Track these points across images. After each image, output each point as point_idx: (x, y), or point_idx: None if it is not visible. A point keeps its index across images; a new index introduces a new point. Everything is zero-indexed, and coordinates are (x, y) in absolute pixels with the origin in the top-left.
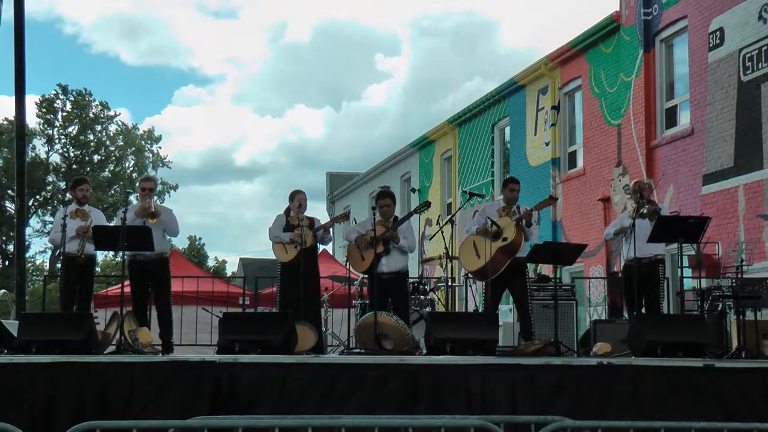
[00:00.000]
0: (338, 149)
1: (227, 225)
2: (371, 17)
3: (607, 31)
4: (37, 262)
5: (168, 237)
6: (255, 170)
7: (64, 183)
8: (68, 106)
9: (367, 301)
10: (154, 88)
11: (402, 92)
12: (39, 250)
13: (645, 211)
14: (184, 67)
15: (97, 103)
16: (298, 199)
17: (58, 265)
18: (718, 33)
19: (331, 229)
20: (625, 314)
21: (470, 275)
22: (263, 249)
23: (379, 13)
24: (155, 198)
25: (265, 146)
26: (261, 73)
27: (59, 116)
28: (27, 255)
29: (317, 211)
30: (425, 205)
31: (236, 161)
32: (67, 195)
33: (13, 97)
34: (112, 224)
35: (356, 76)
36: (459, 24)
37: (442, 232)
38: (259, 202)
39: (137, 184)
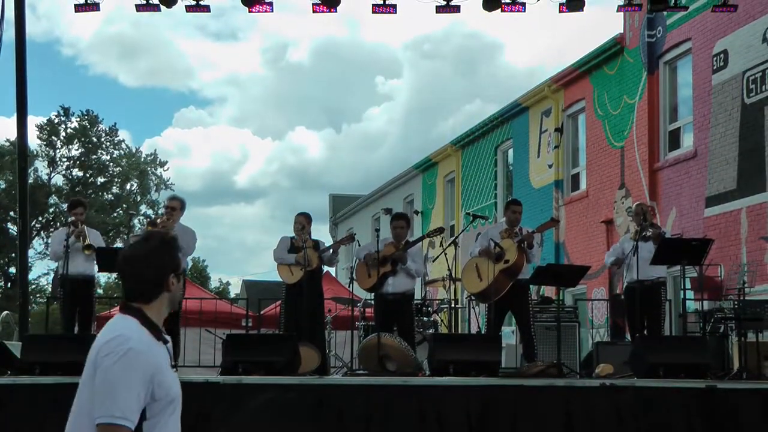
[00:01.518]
0: (338, 171)
1: (228, 247)
2: (372, 39)
3: (611, 53)
4: (41, 284)
5: (187, 258)
6: (255, 192)
7: (66, 205)
8: (71, 128)
9: (371, 323)
10: (153, 109)
11: (402, 115)
12: (42, 272)
13: (649, 234)
14: (185, 89)
15: (104, 127)
16: (298, 221)
17: None
18: (721, 55)
19: (338, 251)
20: (628, 336)
21: (473, 297)
22: (264, 271)
23: (379, 35)
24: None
25: (265, 168)
26: (261, 94)
27: (61, 138)
28: (30, 277)
29: (319, 233)
30: (438, 231)
31: (237, 183)
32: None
33: (14, 119)
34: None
35: (356, 98)
36: (460, 47)
37: (446, 254)
38: (260, 225)
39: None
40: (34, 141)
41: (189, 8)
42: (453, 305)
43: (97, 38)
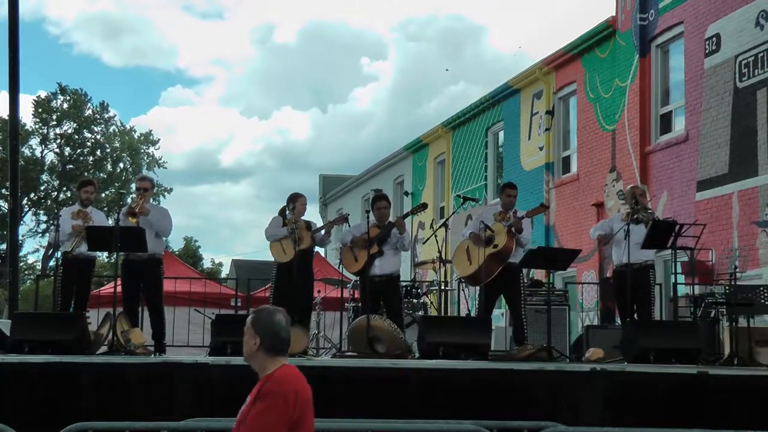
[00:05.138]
0: (324, 151)
1: (216, 226)
2: (358, 20)
3: (602, 36)
4: (30, 261)
5: (163, 238)
6: (241, 172)
7: (58, 182)
8: (65, 106)
9: (360, 304)
10: (140, 89)
11: (388, 96)
12: (31, 249)
13: (641, 217)
14: (171, 68)
15: (96, 105)
16: (297, 203)
17: (51, 264)
18: (714, 39)
19: (330, 232)
20: (618, 320)
21: (462, 280)
22: (253, 250)
23: (365, 16)
24: (156, 199)
25: (250, 148)
26: (248, 74)
27: (54, 116)
28: (20, 254)
29: (309, 213)
30: (422, 206)
31: (222, 162)
32: (62, 195)
33: (6, 96)
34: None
35: (342, 78)
36: (445, 29)
37: (435, 236)
38: (247, 204)
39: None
40: (29, 118)
41: None
42: (443, 287)
43: (80, 17)
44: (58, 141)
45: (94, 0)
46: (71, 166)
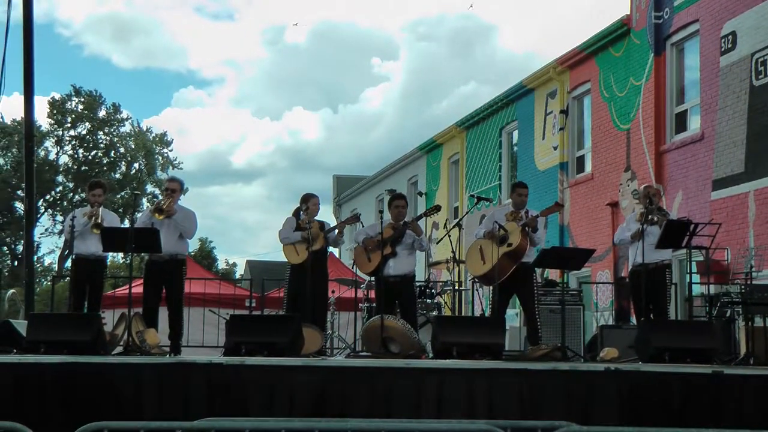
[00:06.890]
0: (335, 152)
1: (229, 227)
2: (368, 21)
3: (617, 34)
4: (46, 263)
5: (187, 240)
6: (253, 173)
7: (73, 184)
8: (80, 108)
9: (374, 304)
10: (150, 90)
11: (398, 96)
12: (47, 250)
13: (656, 219)
14: (182, 70)
15: (109, 106)
16: (309, 203)
17: (67, 265)
18: (730, 37)
19: (343, 231)
20: (633, 319)
21: (476, 280)
22: (267, 251)
23: (376, 16)
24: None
25: (262, 149)
26: (259, 75)
27: (69, 117)
28: (36, 255)
29: (323, 213)
30: (435, 208)
31: (233, 164)
32: (77, 196)
33: (21, 98)
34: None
35: (353, 79)
36: (455, 28)
37: (450, 236)
38: (259, 205)
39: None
40: (44, 119)
41: None
42: (457, 287)
43: (90, 18)
44: (73, 143)
45: (103, 1)
46: (86, 167)
